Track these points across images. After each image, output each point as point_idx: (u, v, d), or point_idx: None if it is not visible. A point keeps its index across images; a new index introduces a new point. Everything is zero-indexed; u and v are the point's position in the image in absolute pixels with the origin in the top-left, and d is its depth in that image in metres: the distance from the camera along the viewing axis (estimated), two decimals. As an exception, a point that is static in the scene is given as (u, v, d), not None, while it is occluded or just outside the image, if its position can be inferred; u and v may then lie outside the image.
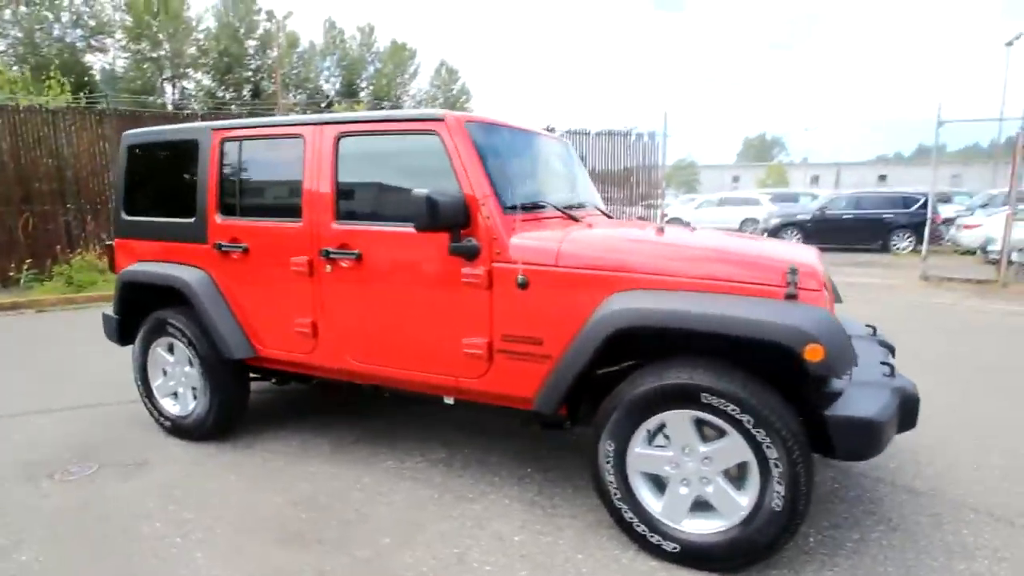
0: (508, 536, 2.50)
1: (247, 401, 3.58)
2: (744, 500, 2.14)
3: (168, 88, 39.14)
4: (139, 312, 3.62)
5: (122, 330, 3.70)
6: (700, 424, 2.20)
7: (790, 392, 2.15)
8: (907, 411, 2.28)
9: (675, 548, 2.23)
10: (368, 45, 51.46)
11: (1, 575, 2.29)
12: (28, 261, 8.78)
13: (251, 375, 3.54)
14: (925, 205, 12.92)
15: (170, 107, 31.92)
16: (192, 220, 3.34)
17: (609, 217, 3.50)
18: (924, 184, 13.68)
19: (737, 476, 2.20)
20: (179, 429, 3.49)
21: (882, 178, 49.26)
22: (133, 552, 2.42)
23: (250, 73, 42.06)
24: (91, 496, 2.86)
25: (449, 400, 2.94)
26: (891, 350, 2.86)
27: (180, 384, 3.51)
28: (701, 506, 2.25)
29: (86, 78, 32.63)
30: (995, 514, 2.64)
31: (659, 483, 2.33)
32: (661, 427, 2.26)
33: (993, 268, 9.70)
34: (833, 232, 14.75)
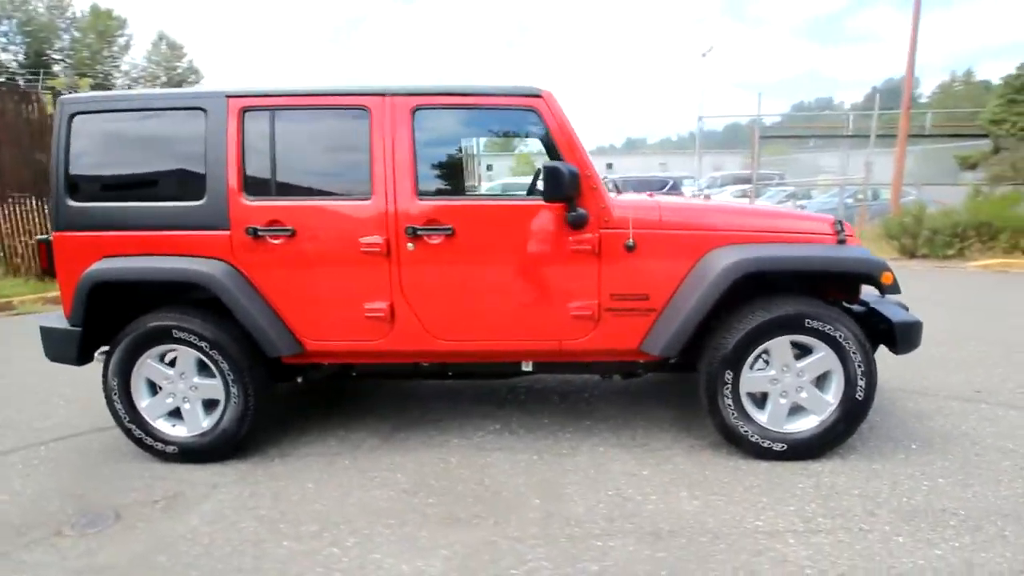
0: (637, 472, 2.80)
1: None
2: (830, 398, 2.79)
3: None
4: (104, 321, 2.94)
5: (84, 345, 2.95)
6: (791, 346, 2.79)
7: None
8: None
9: (783, 447, 2.79)
10: (60, 9, 42.72)
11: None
12: None
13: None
14: (675, 186, 15.83)
15: None
16: (200, 203, 2.85)
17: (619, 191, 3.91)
18: (636, 170, 17.10)
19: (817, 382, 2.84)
20: (191, 452, 2.95)
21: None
22: (306, 573, 2.14)
23: None
24: (148, 543, 2.34)
25: (527, 366, 3.09)
26: None
27: (184, 399, 2.97)
28: (794, 410, 2.85)
29: None
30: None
31: (755, 398, 2.86)
32: (763, 352, 2.79)
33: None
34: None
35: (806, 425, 2.82)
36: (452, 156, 2.95)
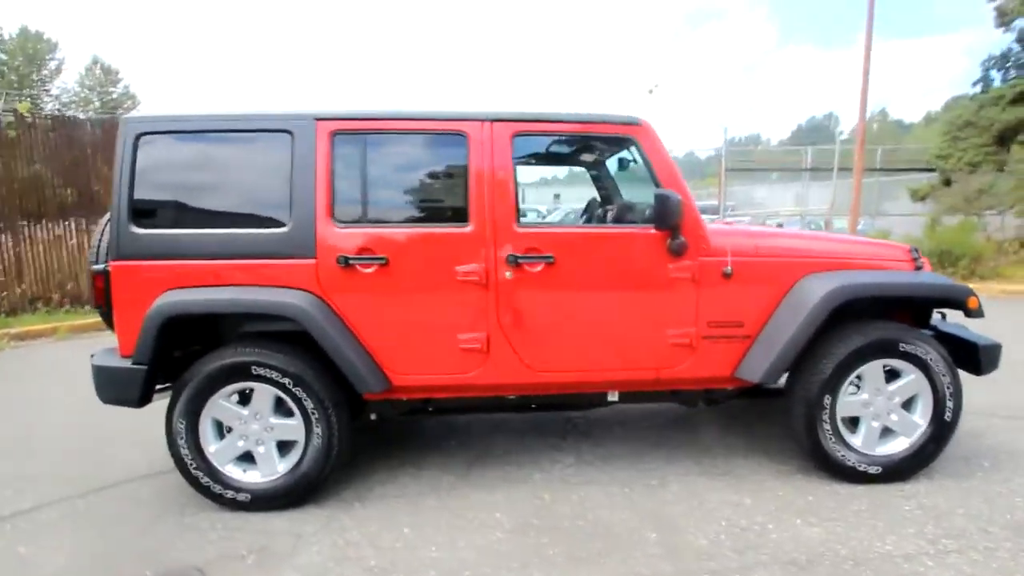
0: (739, 501, 2.78)
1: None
2: (919, 419, 2.87)
3: None
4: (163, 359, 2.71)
5: (148, 384, 2.69)
6: (883, 370, 2.86)
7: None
8: None
9: (877, 470, 2.84)
10: (-16, 30, 40.26)
11: None
12: None
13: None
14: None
15: None
16: (284, 230, 2.68)
17: None
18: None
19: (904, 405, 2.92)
20: (266, 498, 2.72)
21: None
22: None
23: None
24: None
25: (613, 397, 3.04)
26: None
27: (258, 441, 2.74)
28: (884, 433, 2.91)
29: None
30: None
31: (847, 423, 2.91)
32: (856, 377, 2.85)
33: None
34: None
35: (897, 447, 2.88)
36: (551, 183, 2.91)
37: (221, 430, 2.77)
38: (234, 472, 2.75)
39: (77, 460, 3.40)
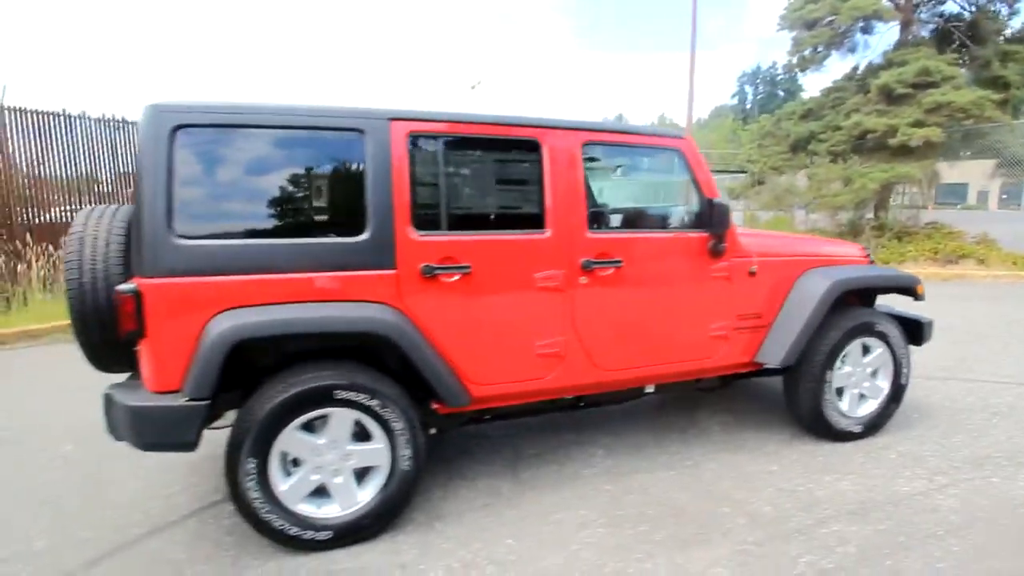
0: (769, 468, 3.19)
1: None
2: (883, 384, 3.53)
3: None
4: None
5: (204, 422, 2.27)
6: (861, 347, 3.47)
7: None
8: None
9: (860, 428, 3.45)
10: None
11: None
12: None
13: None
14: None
15: None
16: (361, 239, 2.46)
17: None
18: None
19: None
20: (348, 533, 2.49)
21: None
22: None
23: None
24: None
25: (650, 388, 3.28)
26: None
27: (335, 472, 2.49)
28: (860, 398, 3.53)
29: None
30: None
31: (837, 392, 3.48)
32: (844, 354, 3.42)
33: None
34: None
35: (870, 408, 3.52)
36: (614, 189, 3.02)
37: (286, 465, 2.46)
38: (308, 510, 2.46)
39: (101, 505, 2.72)
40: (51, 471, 3.30)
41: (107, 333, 2.47)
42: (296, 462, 2.47)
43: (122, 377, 2.66)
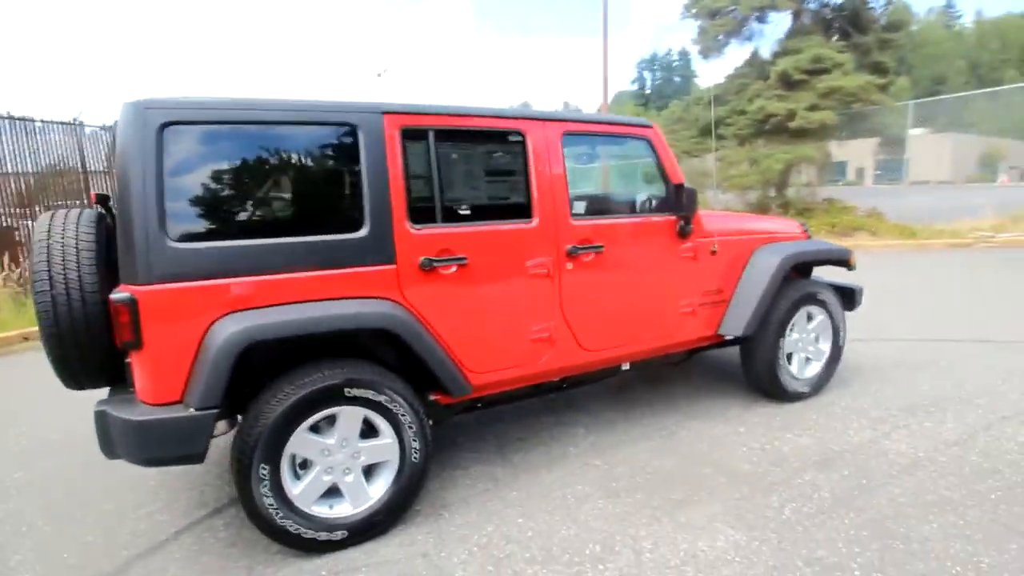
0: (737, 430, 3.47)
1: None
2: (824, 347, 3.91)
3: None
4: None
5: (209, 431, 2.19)
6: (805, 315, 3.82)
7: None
8: None
9: (808, 389, 3.81)
10: None
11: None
12: None
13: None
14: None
15: None
16: (360, 235, 2.44)
17: None
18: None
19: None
20: (362, 531, 2.49)
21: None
22: (664, 577, 2.21)
23: None
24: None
25: (626, 366, 3.47)
26: None
27: (345, 471, 2.47)
28: (806, 361, 3.89)
29: None
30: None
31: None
32: (792, 323, 3.75)
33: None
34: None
35: (814, 370, 3.89)
36: (589, 178, 3.13)
37: (295, 467, 2.42)
38: (321, 511, 2.44)
39: (99, 519, 2.51)
40: (5, 501, 3.04)
41: (84, 348, 2.32)
42: (304, 464, 2.44)
43: (101, 393, 2.50)
